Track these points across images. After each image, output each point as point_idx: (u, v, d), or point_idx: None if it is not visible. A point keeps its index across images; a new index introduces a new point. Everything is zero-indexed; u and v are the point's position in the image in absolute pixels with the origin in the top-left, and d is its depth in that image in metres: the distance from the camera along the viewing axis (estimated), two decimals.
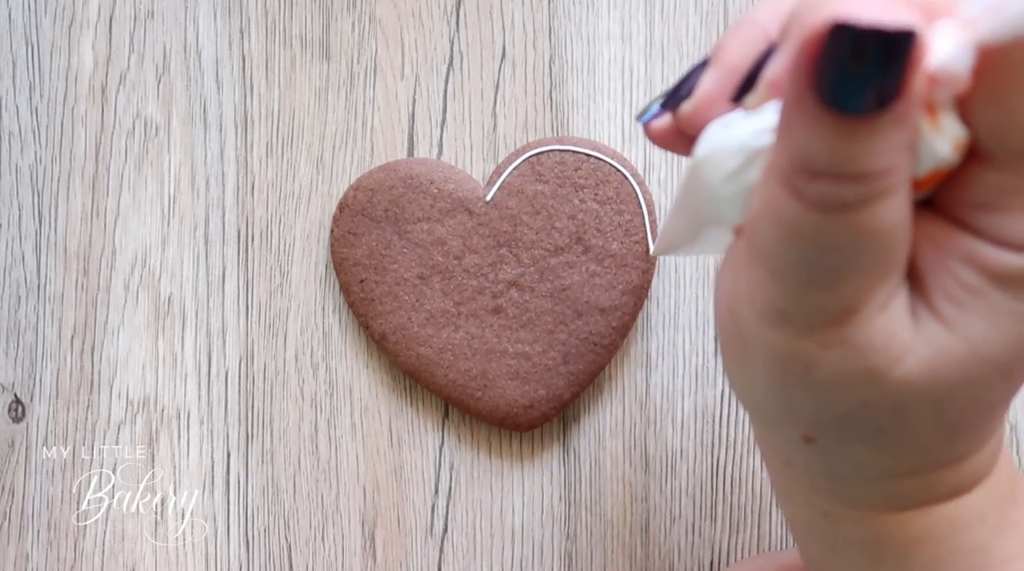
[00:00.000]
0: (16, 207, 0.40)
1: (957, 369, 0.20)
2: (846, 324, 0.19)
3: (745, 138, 0.20)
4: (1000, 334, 0.20)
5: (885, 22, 0.16)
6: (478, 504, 0.39)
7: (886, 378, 0.20)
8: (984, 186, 0.19)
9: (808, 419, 0.22)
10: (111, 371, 0.39)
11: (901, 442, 0.22)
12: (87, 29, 0.40)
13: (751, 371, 0.22)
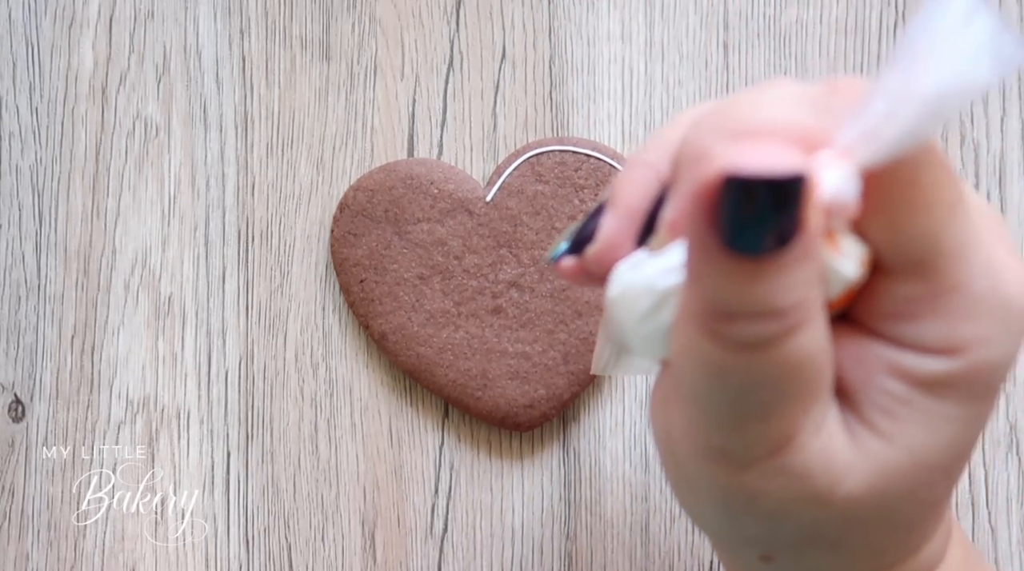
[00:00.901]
0: (16, 207, 0.40)
1: (900, 480, 0.20)
2: (783, 453, 0.19)
3: (653, 278, 0.20)
4: (937, 439, 0.20)
5: (772, 169, 0.16)
6: (478, 504, 0.39)
7: (831, 499, 0.20)
8: (893, 297, 0.19)
9: (763, 541, 0.22)
10: (111, 371, 0.39)
11: (858, 550, 0.22)
12: (87, 29, 0.40)
13: (699, 502, 0.22)
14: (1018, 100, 0.38)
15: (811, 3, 0.39)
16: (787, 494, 0.20)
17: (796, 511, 0.20)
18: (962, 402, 0.20)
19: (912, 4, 0.39)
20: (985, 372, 0.19)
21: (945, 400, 0.20)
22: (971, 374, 0.19)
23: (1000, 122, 0.38)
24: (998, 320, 0.19)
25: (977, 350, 0.19)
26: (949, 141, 0.38)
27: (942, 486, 0.21)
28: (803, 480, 0.20)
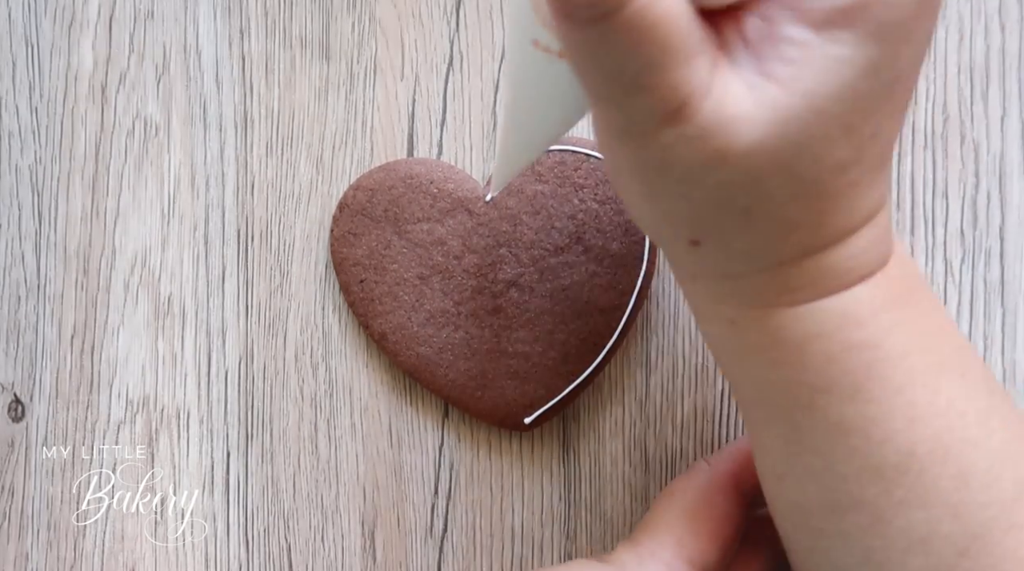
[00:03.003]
0: (16, 207, 0.40)
1: (797, 125, 0.21)
2: (678, 119, 0.21)
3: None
4: (832, 82, 0.21)
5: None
6: (478, 504, 0.39)
7: (734, 152, 0.21)
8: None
9: (685, 221, 0.23)
10: (111, 371, 0.39)
11: (770, 221, 0.23)
12: (87, 29, 0.40)
13: (630, 189, 0.24)
14: (1018, 100, 0.38)
15: None
16: (691, 157, 0.22)
17: (702, 174, 0.22)
18: (858, 43, 0.21)
19: None
20: (876, 7, 0.20)
21: (841, 41, 0.21)
22: (862, 8, 0.20)
23: (1000, 122, 0.38)
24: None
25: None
26: (949, 141, 0.38)
27: (842, 145, 0.22)
28: (703, 140, 0.21)
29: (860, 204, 0.24)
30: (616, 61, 0.20)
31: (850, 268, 0.24)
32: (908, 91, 0.23)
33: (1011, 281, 0.38)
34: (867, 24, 0.21)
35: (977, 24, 0.38)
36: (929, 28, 0.22)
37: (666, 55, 0.20)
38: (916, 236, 0.38)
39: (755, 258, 0.24)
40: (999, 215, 0.38)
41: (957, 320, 0.38)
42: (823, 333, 0.25)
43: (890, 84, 0.22)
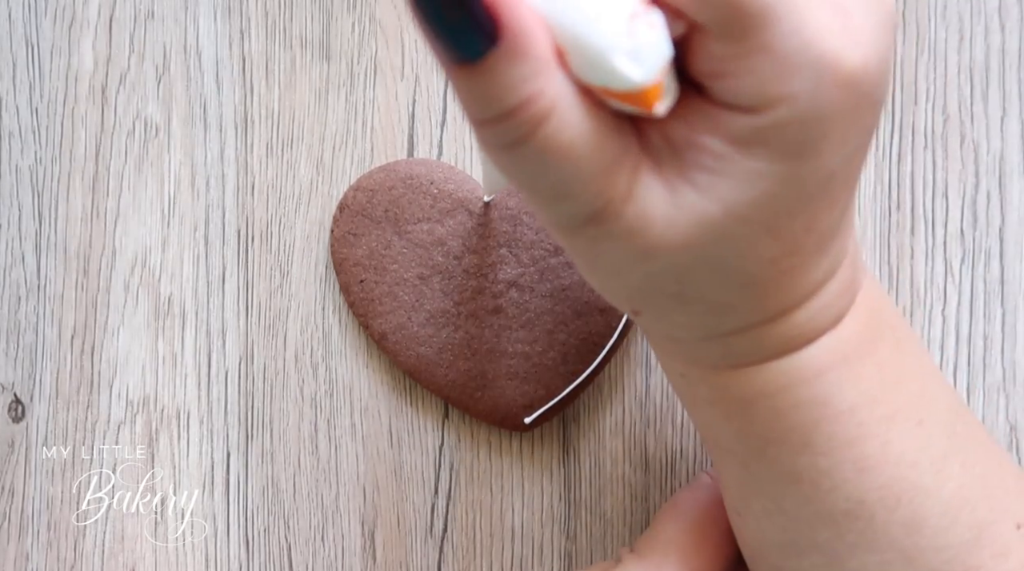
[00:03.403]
0: (16, 207, 0.40)
1: (715, 230, 0.22)
2: (600, 222, 0.21)
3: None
4: (750, 193, 0.21)
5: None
6: (478, 504, 0.39)
7: (656, 251, 0.22)
8: (708, 56, 0.20)
9: (624, 295, 0.24)
10: (111, 371, 0.39)
11: (703, 304, 0.24)
12: (87, 29, 0.40)
13: (577, 265, 0.25)
14: (1018, 100, 0.38)
15: None
16: (616, 253, 0.22)
17: (629, 266, 0.22)
18: (773, 158, 0.21)
19: (912, 4, 0.39)
20: (791, 128, 0.20)
21: (756, 156, 0.21)
22: (777, 130, 0.20)
23: (1000, 122, 0.38)
24: (806, 79, 0.20)
25: (783, 107, 0.20)
26: (949, 141, 0.38)
27: (768, 244, 0.22)
28: (625, 239, 0.22)
29: (800, 284, 0.24)
30: (534, 178, 0.21)
31: (795, 335, 0.24)
32: (849, 181, 0.23)
33: (1011, 281, 0.38)
34: (783, 143, 0.20)
35: (977, 24, 0.38)
36: (866, 128, 0.22)
37: (579, 172, 0.20)
38: (916, 236, 0.38)
39: (695, 330, 0.25)
40: (999, 215, 0.38)
41: (957, 320, 0.38)
42: (770, 392, 0.25)
43: (820, 186, 0.22)
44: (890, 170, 0.38)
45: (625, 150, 0.21)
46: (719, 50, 0.20)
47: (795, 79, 0.20)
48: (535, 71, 0.19)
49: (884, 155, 0.38)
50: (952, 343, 0.38)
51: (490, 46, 0.18)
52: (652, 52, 0.19)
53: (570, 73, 0.20)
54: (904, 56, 0.39)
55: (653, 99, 0.20)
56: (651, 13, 0.19)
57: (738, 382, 0.25)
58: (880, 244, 0.38)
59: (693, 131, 0.21)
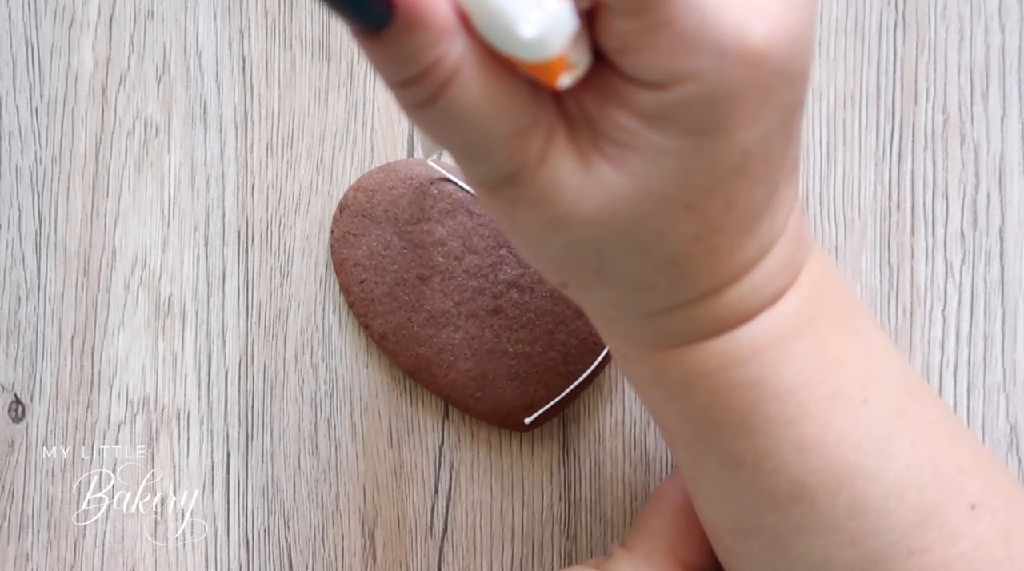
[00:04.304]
0: (16, 207, 0.40)
1: (630, 205, 0.21)
2: (515, 183, 0.21)
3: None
4: (660, 169, 0.21)
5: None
6: (478, 504, 0.39)
7: (569, 220, 0.22)
8: (613, 33, 0.20)
9: (547, 266, 0.24)
10: (111, 371, 0.39)
11: (626, 281, 0.23)
12: (87, 29, 0.40)
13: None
14: (1018, 100, 0.38)
15: None
16: (533, 217, 0.22)
17: (545, 234, 0.22)
18: (681, 134, 0.21)
19: (912, 4, 0.39)
20: (697, 105, 0.20)
21: (664, 132, 0.21)
22: (683, 107, 0.20)
23: (1000, 122, 0.38)
24: (709, 56, 0.20)
25: (687, 84, 0.20)
26: (949, 141, 0.38)
27: (686, 221, 0.22)
28: (540, 205, 0.22)
29: (727, 263, 0.23)
30: (448, 136, 0.21)
31: (727, 315, 0.24)
32: (771, 160, 0.22)
33: (1011, 281, 0.38)
34: (691, 120, 0.20)
35: (977, 24, 0.38)
36: (783, 105, 0.21)
37: (489, 133, 0.21)
38: (916, 236, 0.38)
39: (622, 308, 0.25)
40: (999, 215, 0.38)
41: (957, 320, 0.38)
42: (706, 373, 0.25)
43: (735, 164, 0.21)
44: (890, 170, 0.38)
45: (539, 115, 0.21)
46: (621, 26, 0.20)
47: (698, 56, 0.20)
48: (436, 38, 0.19)
49: (884, 155, 0.38)
50: (952, 343, 0.38)
51: (389, 18, 0.19)
52: (557, 25, 0.19)
53: (480, 37, 0.20)
54: (904, 56, 0.39)
55: (557, 72, 0.20)
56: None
57: (675, 362, 0.25)
58: (880, 244, 0.38)
59: (604, 104, 0.21)
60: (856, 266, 0.38)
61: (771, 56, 0.20)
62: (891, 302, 0.38)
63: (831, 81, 0.39)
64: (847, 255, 0.38)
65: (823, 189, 0.38)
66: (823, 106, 0.39)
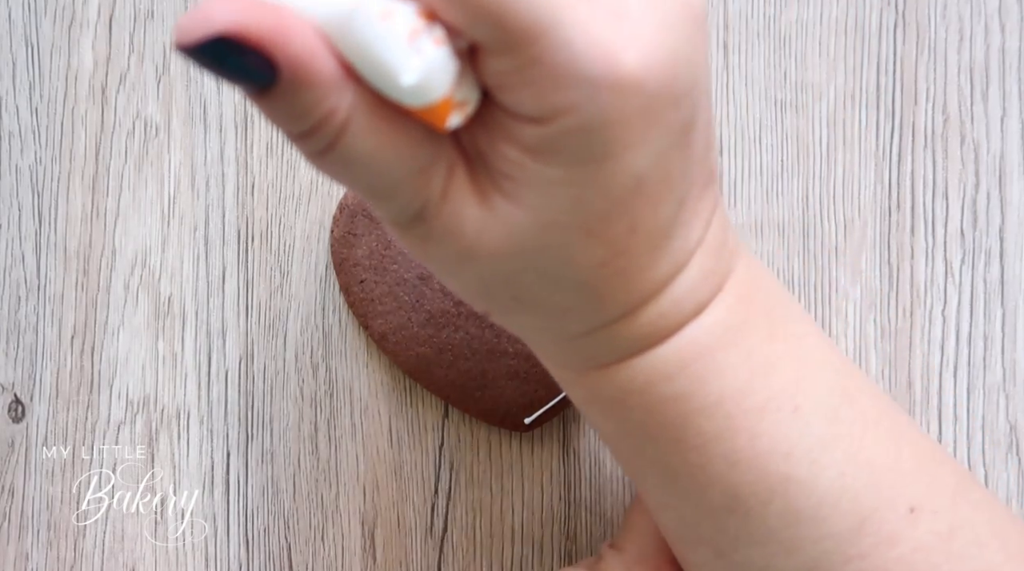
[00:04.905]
0: (16, 207, 0.40)
1: (530, 237, 0.22)
2: (422, 220, 0.22)
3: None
4: (553, 200, 0.21)
5: (203, 34, 0.18)
6: (478, 504, 0.39)
7: (476, 255, 0.22)
8: (490, 71, 0.20)
9: (465, 295, 0.24)
10: (111, 371, 0.39)
11: (542, 307, 0.24)
12: (87, 29, 0.40)
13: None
14: (1018, 100, 0.38)
15: (811, 3, 0.39)
16: (442, 252, 0.23)
17: (457, 266, 0.23)
18: (569, 164, 0.21)
19: (912, 4, 0.39)
20: (578, 136, 0.20)
21: (551, 163, 0.21)
22: (565, 138, 0.20)
23: (1000, 122, 0.38)
24: (582, 88, 0.20)
25: (565, 117, 0.20)
26: (949, 141, 0.38)
27: (590, 247, 0.22)
28: (446, 240, 0.22)
29: (639, 283, 0.23)
30: (351, 181, 0.22)
31: (649, 332, 0.24)
32: (670, 180, 0.22)
33: (1011, 281, 0.38)
34: (575, 150, 0.21)
35: (977, 24, 0.38)
36: (671, 125, 0.21)
37: (388, 176, 0.21)
38: (916, 236, 0.38)
39: (545, 333, 0.25)
40: (999, 215, 0.38)
41: (957, 320, 0.38)
42: (636, 390, 0.25)
43: (630, 189, 0.21)
44: (890, 170, 0.38)
45: (436, 154, 0.22)
46: (495, 65, 0.20)
47: (571, 89, 0.20)
48: (323, 92, 0.19)
49: (884, 155, 0.38)
50: (952, 343, 0.38)
51: (273, 79, 0.19)
52: (437, 70, 0.19)
53: (369, 85, 0.20)
54: (904, 56, 0.39)
55: (444, 114, 0.20)
56: (434, 29, 0.20)
57: (605, 382, 0.25)
58: (880, 244, 0.38)
59: (493, 139, 0.21)
60: (856, 266, 0.38)
61: (647, 81, 0.20)
62: (891, 302, 0.38)
63: (831, 81, 0.39)
64: (847, 255, 0.38)
65: (823, 189, 0.38)
66: (823, 106, 0.39)
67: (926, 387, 0.38)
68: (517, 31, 0.19)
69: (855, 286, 0.38)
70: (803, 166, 0.39)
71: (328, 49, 0.19)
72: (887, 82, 0.39)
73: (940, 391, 0.38)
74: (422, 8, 0.20)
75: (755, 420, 0.25)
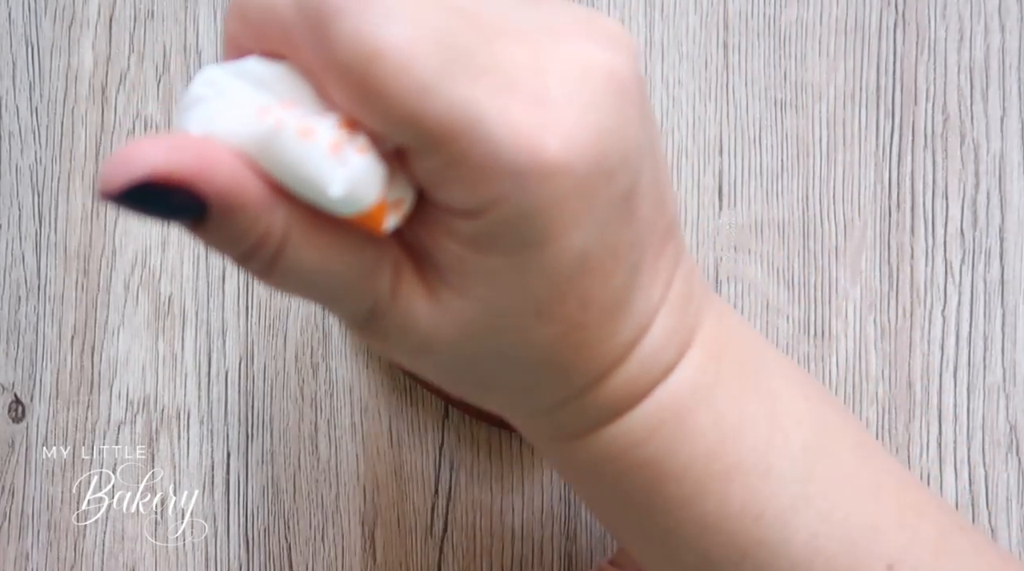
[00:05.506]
0: (16, 207, 0.40)
1: (482, 325, 0.22)
2: (375, 319, 0.22)
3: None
4: (498, 288, 0.21)
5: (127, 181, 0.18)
6: (478, 504, 0.39)
7: (432, 347, 0.22)
8: (418, 169, 0.20)
9: (434, 380, 0.24)
10: (111, 371, 0.39)
11: (507, 388, 0.24)
12: (87, 29, 0.40)
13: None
14: (1018, 100, 0.38)
15: (811, 3, 0.39)
16: (400, 349, 0.23)
17: (416, 358, 0.23)
18: (508, 253, 0.21)
19: (912, 4, 0.39)
20: (512, 226, 0.20)
21: (490, 253, 0.21)
22: (499, 229, 0.20)
23: (1000, 122, 0.38)
24: (508, 180, 0.20)
25: (496, 210, 0.20)
26: (949, 141, 0.38)
27: (542, 328, 0.22)
28: (400, 336, 0.22)
29: (601, 354, 0.23)
30: (300, 293, 0.22)
31: (618, 399, 0.24)
32: (618, 252, 0.22)
33: (1011, 281, 0.38)
34: (512, 239, 0.20)
35: (977, 24, 0.38)
36: (609, 201, 0.21)
37: (334, 285, 0.21)
38: (916, 236, 0.38)
39: (515, 409, 0.25)
40: (999, 215, 0.38)
41: (957, 320, 0.38)
42: (608, 458, 0.25)
43: (575, 267, 0.21)
44: (890, 170, 0.38)
45: (380, 255, 0.22)
46: (422, 164, 0.20)
47: (499, 182, 0.20)
48: (255, 216, 0.20)
49: (884, 155, 0.38)
50: (952, 343, 0.38)
51: (203, 212, 0.19)
52: (364, 177, 0.19)
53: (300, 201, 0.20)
54: (904, 56, 0.39)
55: (379, 218, 0.20)
56: (357, 137, 0.20)
57: (576, 451, 0.25)
58: (880, 244, 0.38)
59: (433, 234, 0.21)
60: (856, 266, 0.38)
61: (574, 164, 0.20)
62: (891, 302, 0.38)
63: (831, 81, 0.39)
64: (847, 255, 0.38)
65: (823, 189, 0.38)
66: (823, 106, 0.39)
67: (926, 387, 0.38)
68: (437, 133, 0.19)
69: (855, 286, 0.38)
70: (803, 166, 0.39)
71: (254, 172, 0.20)
72: (887, 82, 0.39)
73: (940, 391, 0.38)
74: (343, 117, 0.20)
75: (725, 483, 0.25)
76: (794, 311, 0.38)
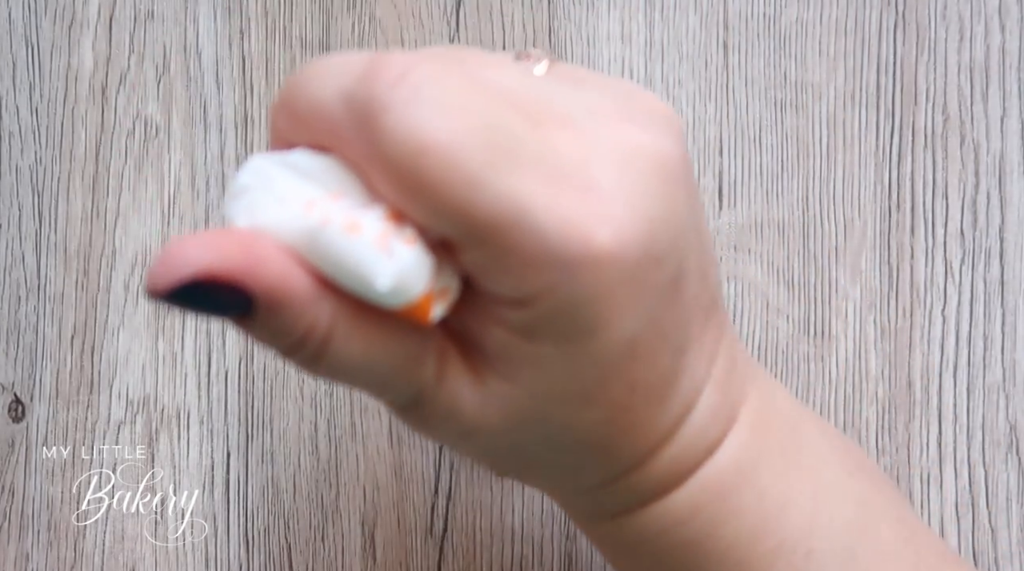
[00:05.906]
0: (16, 207, 0.40)
1: (529, 411, 0.22)
2: (420, 404, 0.22)
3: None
4: (547, 375, 0.21)
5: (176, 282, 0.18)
6: (478, 504, 0.39)
7: (477, 432, 0.22)
8: (466, 261, 0.20)
9: (478, 462, 0.25)
10: (111, 371, 0.39)
11: (551, 468, 0.24)
12: (87, 29, 0.40)
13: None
14: (1018, 100, 0.38)
15: (811, 3, 0.39)
16: (443, 431, 0.23)
17: (461, 442, 0.23)
18: (557, 342, 0.21)
19: (912, 4, 0.39)
20: (562, 315, 0.20)
21: (539, 343, 0.21)
22: (548, 319, 0.20)
23: (1000, 122, 0.38)
24: (558, 271, 0.20)
25: (546, 300, 0.20)
26: (949, 141, 0.38)
27: (587, 411, 0.22)
28: (445, 421, 0.22)
29: (646, 434, 0.23)
30: (346, 382, 0.22)
31: (663, 478, 0.24)
32: (667, 335, 0.22)
33: (1011, 281, 0.38)
34: (562, 328, 0.20)
35: (977, 24, 0.38)
36: (658, 288, 0.21)
37: (380, 373, 0.21)
38: (916, 236, 0.38)
39: (557, 489, 0.25)
40: (999, 215, 0.38)
41: (957, 320, 0.38)
42: (649, 537, 0.25)
43: (624, 353, 0.21)
44: (890, 170, 0.38)
45: (425, 342, 0.22)
46: (467, 255, 0.20)
47: (548, 272, 0.20)
48: (301, 310, 0.20)
49: (884, 155, 0.38)
50: (952, 343, 0.38)
51: (250, 308, 0.19)
52: (411, 269, 0.19)
53: (345, 293, 0.20)
54: (904, 56, 0.39)
55: (426, 309, 0.20)
56: (404, 229, 0.20)
57: (618, 529, 0.25)
58: (880, 244, 0.38)
59: (480, 322, 0.21)
60: (856, 266, 0.38)
61: (624, 253, 0.20)
62: (891, 302, 0.38)
63: (831, 81, 0.39)
64: (847, 255, 0.38)
65: (823, 189, 0.38)
66: (823, 106, 0.39)
67: (926, 387, 0.38)
68: (486, 226, 0.19)
69: (855, 286, 0.38)
70: (803, 166, 0.39)
71: (301, 266, 0.20)
72: (887, 82, 0.39)
73: (940, 391, 0.38)
74: (390, 209, 0.20)
75: (767, 564, 0.24)
76: (794, 311, 0.38)
